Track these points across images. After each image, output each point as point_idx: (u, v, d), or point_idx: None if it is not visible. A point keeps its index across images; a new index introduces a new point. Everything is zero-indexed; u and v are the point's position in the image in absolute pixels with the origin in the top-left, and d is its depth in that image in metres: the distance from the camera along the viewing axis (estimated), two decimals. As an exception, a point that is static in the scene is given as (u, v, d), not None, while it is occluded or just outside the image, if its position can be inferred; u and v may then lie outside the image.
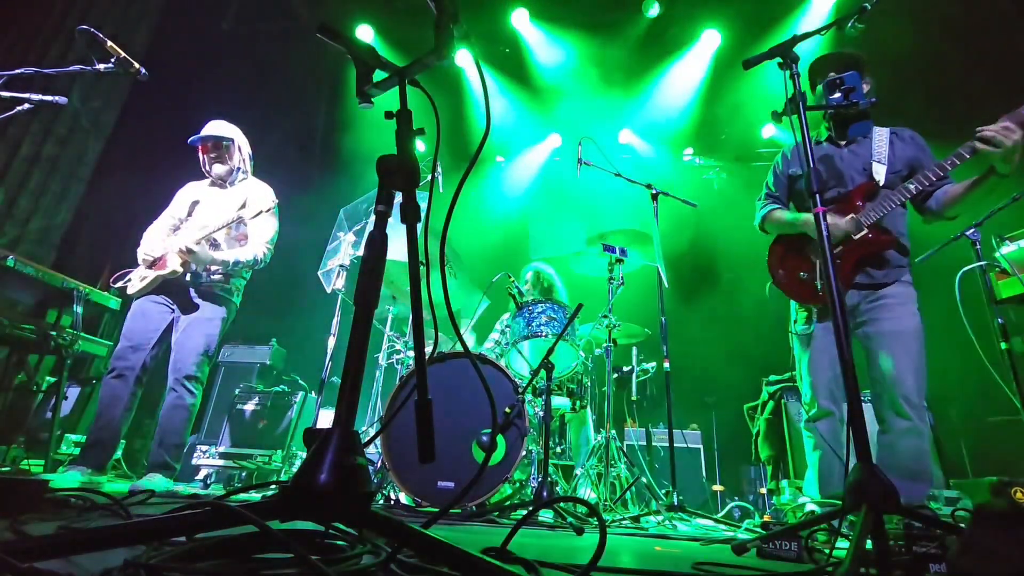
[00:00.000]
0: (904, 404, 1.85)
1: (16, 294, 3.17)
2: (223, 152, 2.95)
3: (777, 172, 2.35)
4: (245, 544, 0.86)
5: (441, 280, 1.02)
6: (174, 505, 1.15)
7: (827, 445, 2.01)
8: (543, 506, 2.16)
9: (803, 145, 1.52)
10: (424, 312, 1.09)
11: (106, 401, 2.59)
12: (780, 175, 2.33)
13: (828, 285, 1.37)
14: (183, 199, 2.97)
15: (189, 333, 2.72)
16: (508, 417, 2.36)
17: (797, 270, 2.12)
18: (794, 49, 1.59)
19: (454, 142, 6.11)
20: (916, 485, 1.81)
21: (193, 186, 3.05)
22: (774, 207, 2.29)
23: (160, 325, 2.72)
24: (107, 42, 2.09)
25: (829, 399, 2.04)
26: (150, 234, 2.87)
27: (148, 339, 2.68)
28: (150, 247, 2.76)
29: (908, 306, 1.96)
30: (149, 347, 2.68)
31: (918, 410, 1.85)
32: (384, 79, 1.08)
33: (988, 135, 1.70)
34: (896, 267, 2.00)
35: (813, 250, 2.09)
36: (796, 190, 2.26)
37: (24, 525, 1.07)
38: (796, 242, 2.17)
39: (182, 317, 2.75)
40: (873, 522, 1.05)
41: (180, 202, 2.97)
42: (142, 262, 2.75)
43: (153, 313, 2.73)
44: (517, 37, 5.76)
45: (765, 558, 1.42)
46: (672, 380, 3.00)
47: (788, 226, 2.19)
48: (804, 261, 2.12)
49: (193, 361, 2.69)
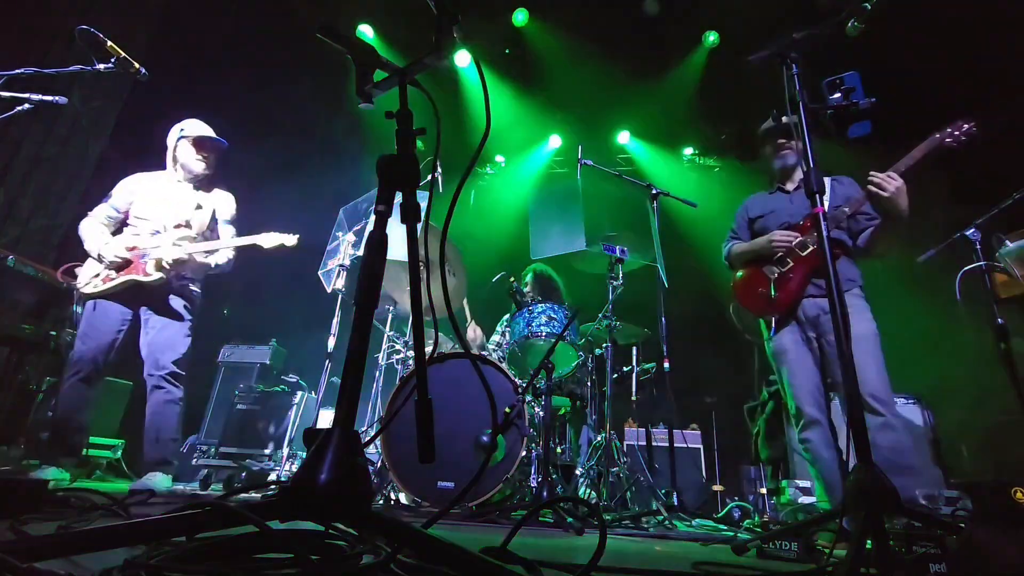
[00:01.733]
0: (873, 401, 1.95)
1: (16, 294, 3.17)
2: (215, 157, 2.92)
3: (739, 218, 2.66)
4: (245, 544, 0.86)
5: (441, 280, 1.02)
6: (174, 505, 1.15)
7: (824, 454, 2.06)
8: (543, 506, 2.17)
9: (803, 145, 1.52)
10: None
11: (73, 404, 2.54)
12: (741, 220, 2.63)
13: (828, 285, 1.36)
14: (129, 190, 2.80)
15: (167, 333, 2.69)
16: (508, 417, 2.36)
17: (756, 287, 2.37)
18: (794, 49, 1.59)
19: (454, 142, 6.10)
20: (901, 479, 1.82)
21: (144, 178, 2.86)
22: (736, 242, 2.61)
23: (122, 325, 2.66)
24: (107, 42, 2.09)
25: (815, 407, 2.14)
26: (92, 228, 2.71)
27: (109, 339, 2.62)
28: (116, 248, 2.63)
29: (863, 314, 2.15)
30: (108, 348, 2.62)
31: (888, 405, 1.97)
32: (384, 79, 1.08)
33: (876, 180, 1.97)
34: (845, 279, 2.18)
35: (768, 268, 2.35)
36: (755, 230, 2.54)
37: (24, 525, 1.07)
38: (754, 266, 2.43)
39: (153, 316, 2.70)
40: (873, 522, 1.05)
41: (124, 192, 2.80)
42: (108, 263, 2.62)
43: (114, 313, 2.64)
44: (517, 37, 5.76)
45: (765, 558, 1.43)
46: (672, 380, 3.00)
47: (749, 251, 2.47)
48: (761, 278, 2.37)
49: (173, 358, 2.67)
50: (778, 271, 2.30)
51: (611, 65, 5.72)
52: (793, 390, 2.20)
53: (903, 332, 3.27)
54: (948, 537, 1.10)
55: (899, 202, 1.96)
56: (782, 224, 2.37)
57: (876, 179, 1.98)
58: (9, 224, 3.94)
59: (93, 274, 2.65)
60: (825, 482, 2.07)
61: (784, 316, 2.30)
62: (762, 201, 2.58)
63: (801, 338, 2.23)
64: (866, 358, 2.00)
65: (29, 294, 3.20)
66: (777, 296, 2.27)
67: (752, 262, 2.44)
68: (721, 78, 5.63)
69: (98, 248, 2.66)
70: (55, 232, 4.20)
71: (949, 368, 3.77)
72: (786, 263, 2.28)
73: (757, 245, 2.43)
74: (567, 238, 3.56)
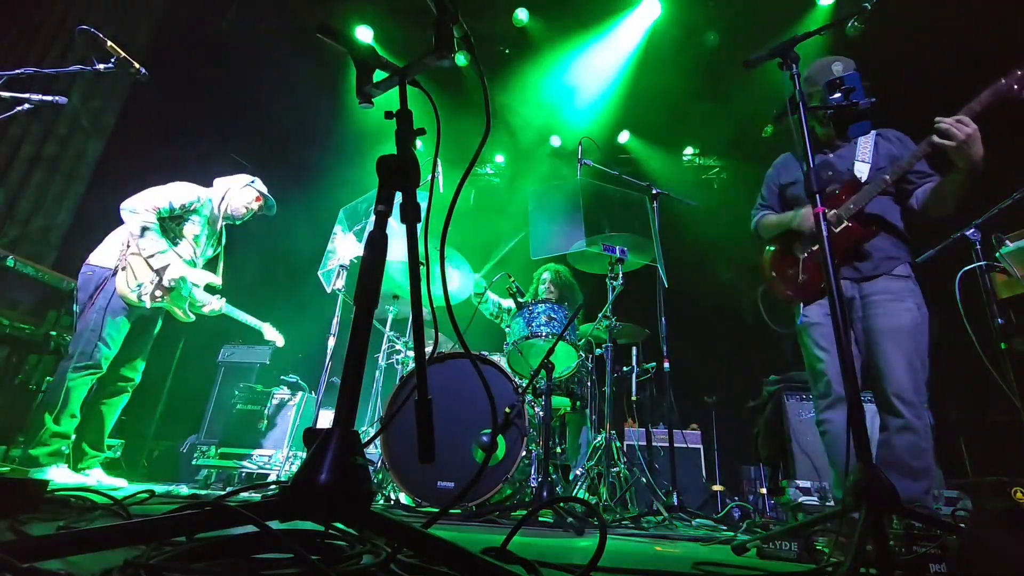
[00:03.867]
0: (896, 401, 1.80)
1: (16, 294, 3.17)
2: (258, 214, 3.06)
3: (769, 182, 2.39)
4: (245, 544, 0.86)
5: (441, 280, 1.02)
6: (174, 505, 1.15)
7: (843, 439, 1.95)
8: (543, 506, 2.16)
9: (803, 145, 1.52)
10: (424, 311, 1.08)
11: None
12: (772, 185, 2.37)
13: (828, 284, 1.36)
14: (192, 195, 2.84)
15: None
16: (508, 417, 2.36)
17: (786, 269, 2.16)
18: (794, 49, 1.59)
19: (453, 142, 6.10)
20: (916, 483, 1.77)
21: (195, 191, 2.88)
22: (766, 213, 2.35)
23: None
24: (107, 42, 2.09)
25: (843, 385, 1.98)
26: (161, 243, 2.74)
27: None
28: (200, 284, 2.82)
29: (903, 302, 1.90)
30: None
31: (912, 407, 1.78)
32: (384, 79, 1.08)
33: (943, 127, 1.68)
34: (885, 259, 1.96)
35: (798, 247, 2.11)
36: (787, 197, 2.28)
37: (24, 525, 1.06)
38: (784, 244, 2.22)
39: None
40: (873, 522, 1.05)
41: (189, 195, 2.83)
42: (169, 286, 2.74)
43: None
44: (517, 37, 5.76)
45: (765, 558, 1.43)
46: (672, 380, 3.00)
47: (777, 226, 2.23)
48: (791, 259, 2.15)
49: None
50: (808, 251, 2.06)
51: (611, 65, 5.73)
52: (824, 364, 1.97)
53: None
54: (948, 537, 1.10)
55: (973, 151, 1.65)
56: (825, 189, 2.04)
57: (943, 124, 1.67)
58: (9, 224, 3.94)
59: (143, 282, 2.71)
60: (839, 471, 1.94)
61: (813, 300, 2.06)
62: (796, 163, 2.27)
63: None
64: (895, 354, 1.83)
65: (29, 294, 3.20)
66: (806, 279, 2.04)
67: (782, 238, 2.20)
68: (721, 78, 5.63)
69: (186, 274, 2.75)
70: (55, 232, 4.20)
71: (949, 368, 3.77)
72: None
73: (788, 221, 2.15)
74: (567, 238, 3.56)
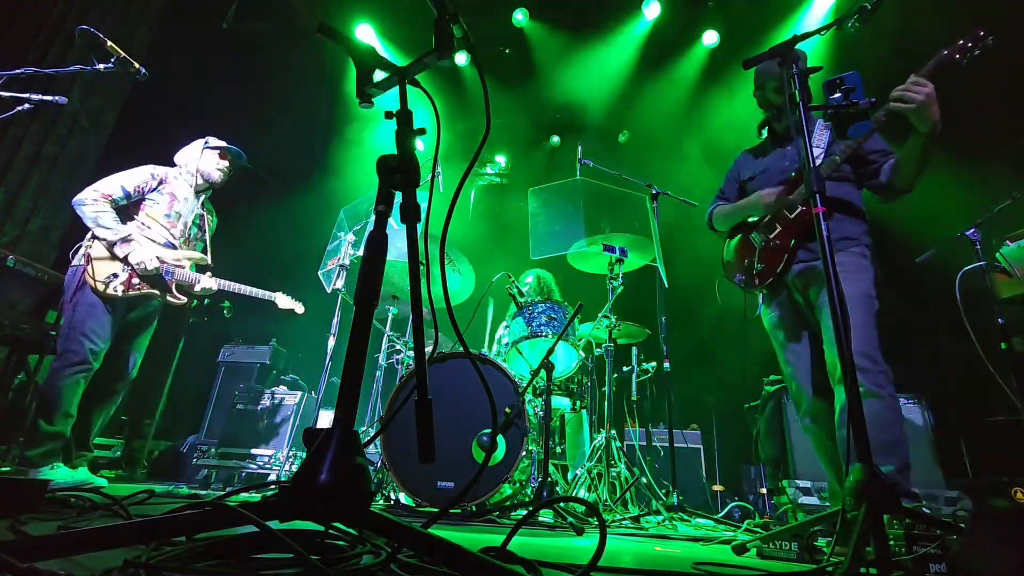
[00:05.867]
0: (857, 359, 1.68)
1: (16, 294, 3.17)
2: (232, 168, 3.00)
3: (730, 178, 2.38)
4: (245, 544, 0.86)
5: (441, 280, 1.02)
6: (174, 505, 1.15)
7: (827, 441, 1.91)
8: (543, 506, 2.16)
9: (802, 146, 1.52)
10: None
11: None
12: (732, 180, 2.36)
13: (828, 283, 1.36)
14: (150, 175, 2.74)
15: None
16: (508, 417, 2.35)
17: (743, 258, 2.16)
18: (795, 48, 1.59)
19: (453, 142, 6.11)
20: (886, 461, 1.57)
21: (161, 172, 2.79)
22: (721, 204, 2.35)
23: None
24: (107, 42, 2.09)
25: (815, 387, 1.94)
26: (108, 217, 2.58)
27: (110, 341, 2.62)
28: (154, 259, 2.60)
29: (853, 274, 1.85)
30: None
31: (871, 373, 1.69)
32: (384, 79, 1.08)
33: (898, 92, 1.68)
34: (840, 239, 1.93)
35: (757, 236, 2.11)
36: (748, 192, 2.25)
37: (24, 525, 1.07)
38: (741, 234, 2.21)
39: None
40: (873, 522, 1.05)
41: (146, 177, 2.73)
42: (142, 271, 2.57)
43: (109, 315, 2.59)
44: (517, 37, 5.76)
45: (765, 558, 1.43)
46: (672, 380, 3.00)
47: (734, 214, 2.23)
48: (748, 249, 2.14)
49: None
50: (765, 238, 2.07)
51: (612, 65, 5.73)
52: (792, 369, 2.01)
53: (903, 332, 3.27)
54: (948, 537, 1.10)
55: (933, 111, 1.65)
56: (777, 184, 2.08)
57: (897, 91, 1.67)
58: (9, 224, 3.94)
59: (111, 273, 2.55)
60: (832, 469, 1.92)
61: (773, 289, 2.08)
62: (754, 159, 2.29)
63: (794, 311, 2.03)
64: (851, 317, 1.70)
65: (29, 294, 3.20)
66: (764, 267, 2.05)
67: (739, 228, 2.20)
68: (721, 79, 5.63)
69: (155, 255, 2.61)
70: (55, 232, 4.19)
71: (949, 368, 3.77)
72: (774, 228, 2.04)
73: (745, 206, 2.16)
74: (567, 238, 3.57)
